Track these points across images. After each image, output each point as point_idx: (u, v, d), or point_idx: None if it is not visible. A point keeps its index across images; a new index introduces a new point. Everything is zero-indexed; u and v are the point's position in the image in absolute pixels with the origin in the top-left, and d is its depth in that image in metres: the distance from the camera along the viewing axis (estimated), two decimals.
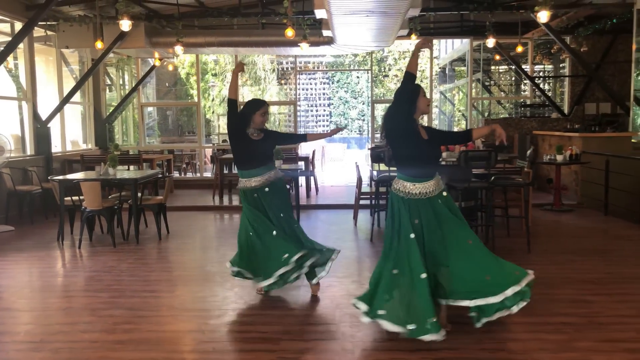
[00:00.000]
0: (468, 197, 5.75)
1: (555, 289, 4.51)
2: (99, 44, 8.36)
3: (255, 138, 4.21)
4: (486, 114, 12.86)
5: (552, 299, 4.25)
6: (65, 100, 9.39)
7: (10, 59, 8.19)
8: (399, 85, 3.61)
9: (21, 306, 4.38)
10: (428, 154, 3.49)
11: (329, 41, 9.43)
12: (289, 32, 6.86)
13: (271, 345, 3.46)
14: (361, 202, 7.54)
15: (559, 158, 8.33)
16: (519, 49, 10.34)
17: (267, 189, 4.21)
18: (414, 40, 10.34)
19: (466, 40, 12.49)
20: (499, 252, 5.60)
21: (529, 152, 8.05)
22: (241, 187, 4.28)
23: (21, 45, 8.35)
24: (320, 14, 7.21)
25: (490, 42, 9.22)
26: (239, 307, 4.23)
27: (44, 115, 9.00)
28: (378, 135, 3.71)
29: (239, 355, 3.43)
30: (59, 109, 9.33)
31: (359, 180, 7.44)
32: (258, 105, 4.23)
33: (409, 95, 3.43)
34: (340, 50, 10.48)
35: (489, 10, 8.84)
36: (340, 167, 16.11)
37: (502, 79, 16.02)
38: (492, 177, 5.93)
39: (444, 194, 3.52)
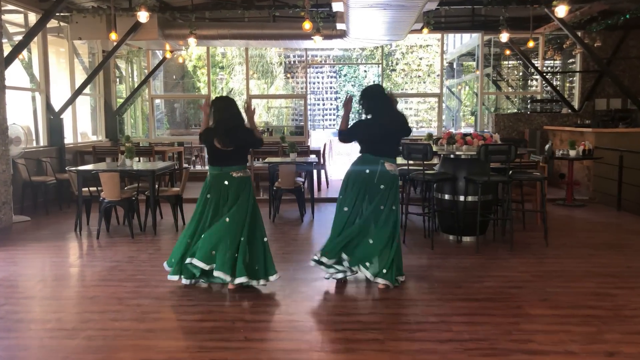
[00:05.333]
0: (486, 191, 5.76)
1: (576, 282, 4.55)
2: (113, 35, 8.36)
3: None
4: (492, 109, 12.85)
5: (575, 292, 4.29)
6: (78, 92, 9.40)
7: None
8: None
9: (47, 294, 4.42)
10: None
11: (342, 34, 9.43)
12: (307, 25, 6.85)
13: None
14: None
15: (572, 153, 8.35)
16: (531, 44, 10.34)
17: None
18: (425, 34, 10.34)
19: (476, 35, 12.49)
20: (517, 246, 5.68)
21: (547, 146, 8.05)
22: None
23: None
24: (337, 6, 7.21)
25: (504, 36, 9.21)
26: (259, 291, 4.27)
27: (56, 107, 9.02)
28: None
29: (266, 335, 3.45)
30: (72, 100, 9.34)
31: None
32: None
33: None
34: (352, 44, 10.49)
35: (502, 5, 8.83)
36: (347, 161, 16.04)
37: (511, 74, 15.99)
38: (510, 172, 5.95)
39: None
